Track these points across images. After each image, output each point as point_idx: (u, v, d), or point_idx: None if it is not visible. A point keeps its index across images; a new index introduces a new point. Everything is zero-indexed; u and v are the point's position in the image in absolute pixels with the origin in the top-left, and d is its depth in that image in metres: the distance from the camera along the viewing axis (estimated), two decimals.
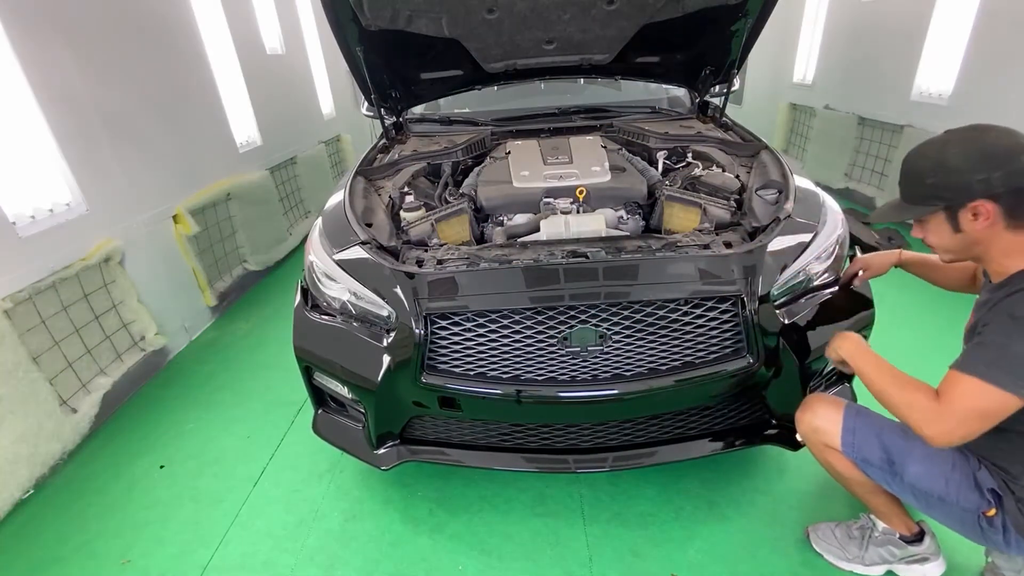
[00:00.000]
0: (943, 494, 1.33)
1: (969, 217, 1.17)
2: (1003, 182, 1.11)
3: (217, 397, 2.71)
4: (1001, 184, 1.11)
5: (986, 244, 1.20)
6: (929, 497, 1.36)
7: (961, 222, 1.19)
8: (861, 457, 1.42)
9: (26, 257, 2.22)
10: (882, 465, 1.40)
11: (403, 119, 3.00)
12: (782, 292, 1.61)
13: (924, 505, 1.39)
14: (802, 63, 6.11)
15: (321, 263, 1.79)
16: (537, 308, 1.55)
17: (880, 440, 1.40)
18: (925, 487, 1.35)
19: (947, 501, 1.33)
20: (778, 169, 2.04)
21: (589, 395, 1.55)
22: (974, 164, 1.13)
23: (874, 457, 1.40)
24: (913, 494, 1.39)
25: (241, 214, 3.76)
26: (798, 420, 1.54)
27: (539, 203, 2.08)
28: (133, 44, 2.97)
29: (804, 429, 1.52)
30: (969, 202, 1.15)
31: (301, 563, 1.79)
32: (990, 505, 1.28)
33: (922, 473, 1.34)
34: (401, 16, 2.20)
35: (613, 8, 2.25)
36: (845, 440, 1.43)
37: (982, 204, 1.14)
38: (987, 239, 1.18)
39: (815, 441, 1.51)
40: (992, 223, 1.16)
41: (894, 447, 1.38)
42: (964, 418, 1.14)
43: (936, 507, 1.37)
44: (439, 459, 1.81)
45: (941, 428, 1.16)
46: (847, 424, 1.44)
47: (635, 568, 1.70)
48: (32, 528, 2.00)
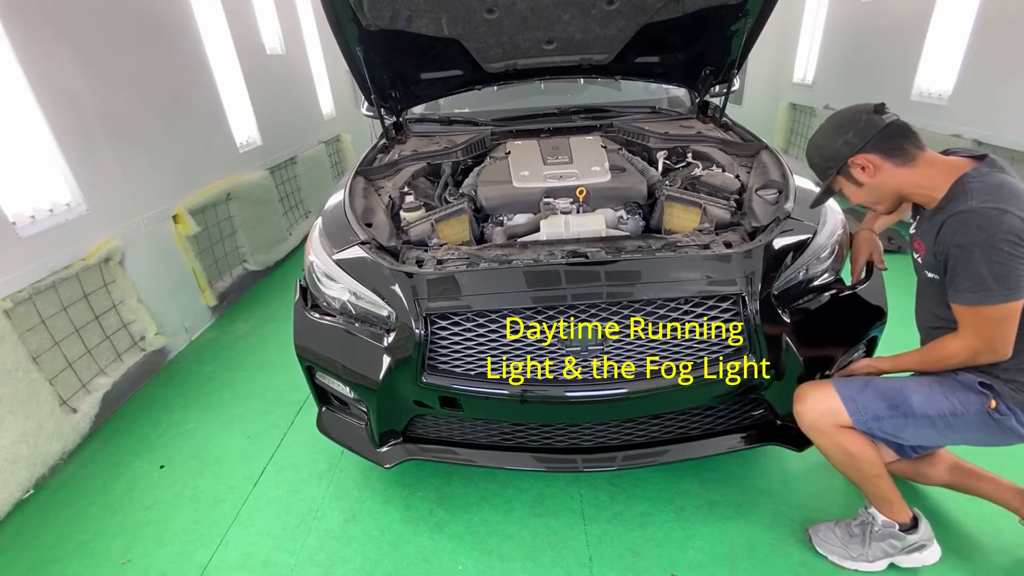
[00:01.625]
0: (952, 408, 1.40)
1: (858, 171, 1.40)
2: (859, 137, 1.37)
3: (217, 397, 2.71)
4: (858, 139, 1.37)
5: (893, 184, 1.39)
6: (944, 417, 1.41)
7: (856, 177, 1.42)
8: (871, 416, 1.45)
9: (26, 257, 2.22)
10: (890, 413, 1.44)
11: (403, 119, 3.00)
12: (782, 292, 1.61)
13: (945, 428, 1.43)
14: (802, 63, 6.12)
15: (321, 263, 1.79)
16: (537, 308, 1.56)
17: (875, 391, 1.47)
18: (935, 410, 1.41)
19: (957, 413, 1.40)
20: (778, 169, 2.04)
21: (589, 395, 1.55)
22: (832, 137, 1.42)
23: (880, 409, 1.45)
24: (930, 424, 1.43)
25: (241, 214, 3.77)
26: (798, 414, 1.54)
27: (539, 203, 2.08)
28: (133, 44, 2.98)
29: (810, 418, 1.52)
30: (846, 161, 1.39)
31: (301, 563, 1.79)
32: (988, 397, 1.38)
33: (923, 400, 1.43)
34: (401, 16, 2.20)
35: (613, 8, 2.25)
36: (850, 408, 1.46)
37: (858, 158, 1.38)
38: (889, 181, 1.39)
39: (824, 426, 1.50)
40: (879, 167, 1.38)
41: (889, 391, 1.46)
42: (993, 331, 1.31)
43: (954, 426, 1.42)
44: (448, 458, 1.80)
45: (988, 347, 1.33)
46: (843, 394, 1.48)
47: (635, 568, 1.70)
48: (32, 528, 2.00)
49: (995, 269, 1.24)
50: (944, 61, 4.02)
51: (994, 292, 1.26)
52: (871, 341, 1.77)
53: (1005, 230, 1.22)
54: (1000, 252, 1.23)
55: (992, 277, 1.25)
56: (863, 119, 1.37)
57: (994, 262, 1.24)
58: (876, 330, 1.74)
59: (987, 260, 1.25)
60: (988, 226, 1.24)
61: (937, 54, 4.11)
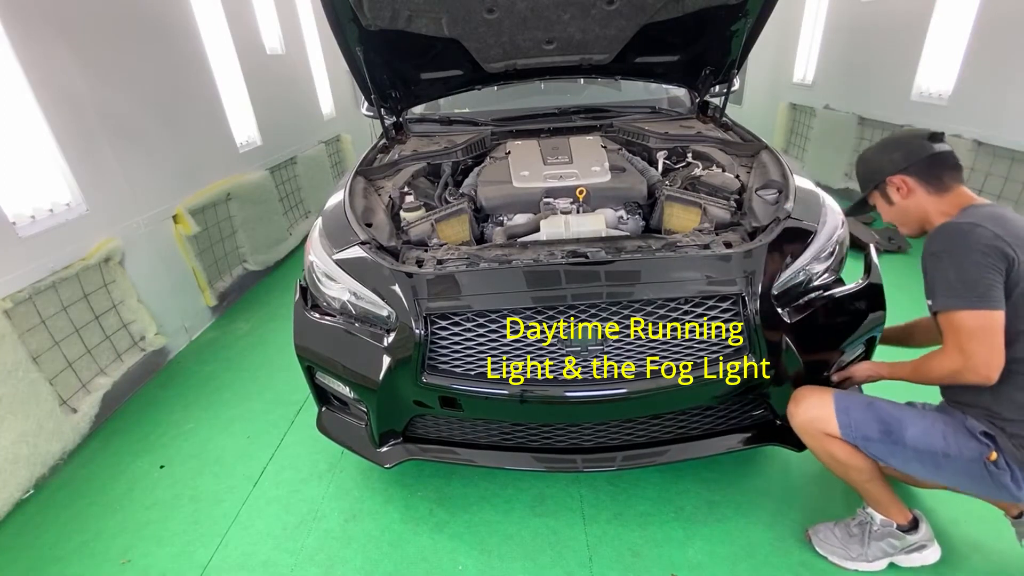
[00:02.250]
0: (945, 449, 1.38)
1: (893, 190, 1.46)
2: (904, 159, 1.42)
3: (217, 397, 2.71)
4: (903, 160, 1.42)
5: (920, 210, 1.44)
6: (934, 456, 1.39)
7: (890, 196, 1.47)
8: (861, 435, 1.45)
9: (26, 257, 2.22)
10: (881, 438, 1.43)
11: (403, 119, 3.00)
12: (782, 292, 1.61)
13: (932, 467, 1.41)
14: (802, 63, 6.11)
15: (321, 263, 1.79)
16: (537, 308, 1.56)
17: (873, 412, 1.46)
18: (926, 446, 1.39)
19: (951, 456, 1.37)
20: (778, 169, 2.04)
21: (589, 395, 1.55)
22: (881, 152, 1.48)
23: (872, 431, 1.44)
24: (918, 459, 1.41)
25: (241, 214, 3.76)
26: (791, 414, 1.56)
27: (539, 203, 2.08)
28: (133, 44, 2.97)
29: (800, 421, 1.54)
30: (886, 179, 1.45)
31: (301, 563, 1.79)
32: (989, 448, 1.34)
33: (919, 434, 1.40)
34: (401, 16, 2.20)
35: (613, 8, 2.25)
36: (842, 422, 1.47)
37: (896, 178, 1.43)
38: (918, 205, 1.44)
39: (813, 431, 1.52)
40: (913, 191, 1.43)
41: (887, 416, 1.45)
42: (971, 345, 1.28)
43: (944, 467, 1.39)
44: (448, 459, 1.80)
45: (968, 363, 1.29)
46: (839, 406, 1.48)
47: (635, 568, 1.70)
48: (32, 528, 2.00)
49: (963, 275, 1.28)
50: (944, 61, 4.02)
51: (964, 297, 1.27)
52: (870, 341, 1.77)
53: (974, 240, 1.28)
54: (968, 259, 1.28)
55: (960, 282, 1.28)
56: (915, 142, 1.43)
57: (962, 268, 1.28)
58: (875, 330, 1.74)
59: (955, 266, 1.29)
60: (958, 236, 1.31)
61: (937, 54, 4.11)
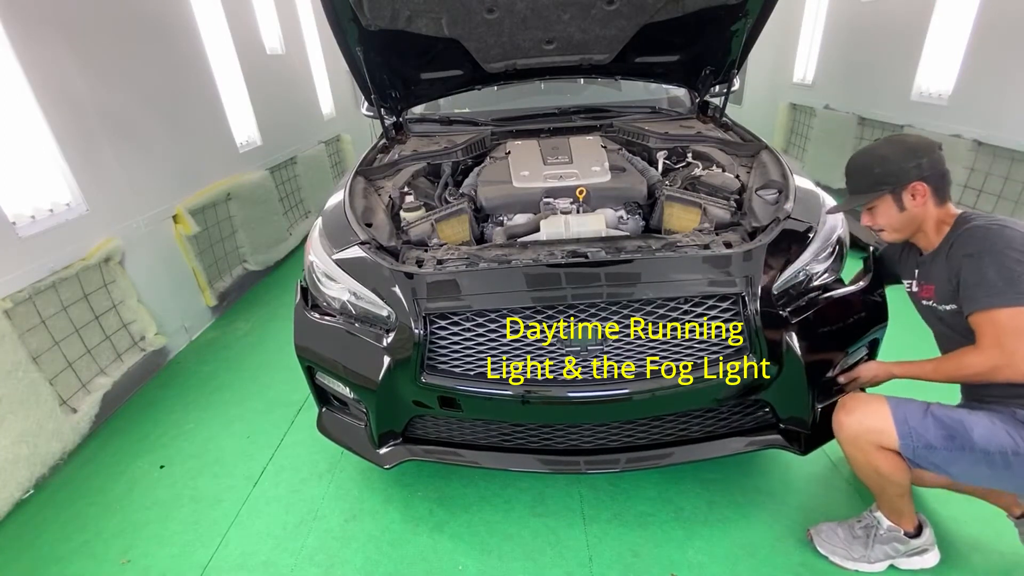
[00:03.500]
0: (1015, 447, 1.32)
1: (909, 197, 1.44)
2: (929, 167, 1.41)
3: (217, 397, 2.71)
4: (928, 168, 1.41)
5: (922, 219, 1.46)
6: (1004, 456, 1.32)
7: (904, 202, 1.45)
8: (923, 444, 1.37)
9: (26, 257, 2.22)
10: (945, 444, 1.36)
11: (403, 119, 3.00)
12: (782, 292, 1.61)
13: (1002, 468, 1.34)
14: (802, 63, 6.12)
15: (321, 263, 1.79)
16: (536, 308, 1.55)
17: (933, 419, 1.39)
18: (997, 446, 1.33)
19: (1021, 452, 1.31)
20: (778, 169, 2.04)
21: (588, 396, 1.55)
22: (906, 156, 1.43)
23: (936, 438, 1.37)
24: (987, 461, 1.34)
25: (241, 214, 3.76)
26: (839, 424, 1.48)
27: (539, 203, 2.08)
28: (133, 44, 2.98)
29: (851, 432, 1.46)
30: (908, 184, 1.42)
31: (301, 563, 1.79)
32: None
33: (986, 434, 1.34)
34: (401, 16, 2.20)
35: (613, 8, 2.25)
36: (902, 432, 1.39)
37: (918, 185, 1.42)
38: (923, 215, 1.46)
39: (865, 443, 1.44)
40: (926, 201, 1.44)
41: (949, 421, 1.38)
42: (1013, 343, 1.29)
43: (1015, 466, 1.32)
44: (451, 460, 1.79)
45: (1008, 360, 1.30)
46: (897, 416, 1.41)
47: (635, 568, 1.70)
48: (32, 528, 2.00)
49: (1004, 273, 1.30)
50: (944, 61, 4.02)
51: (1005, 294, 1.29)
52: (873, 343, 1.76)
53: (1008, 238, 1.32)
54: (1007, 257, 1.30)
55: (1002, 280, 1.30)
56: (935, 153, 1.43)
57: (1003, 266, 1.30)
58: (878, 331, 1.73)
59: (995, 264, 1.31)
60: (992, 236, 1.34)
61: (937, 54, 4.11)
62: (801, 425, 1.68)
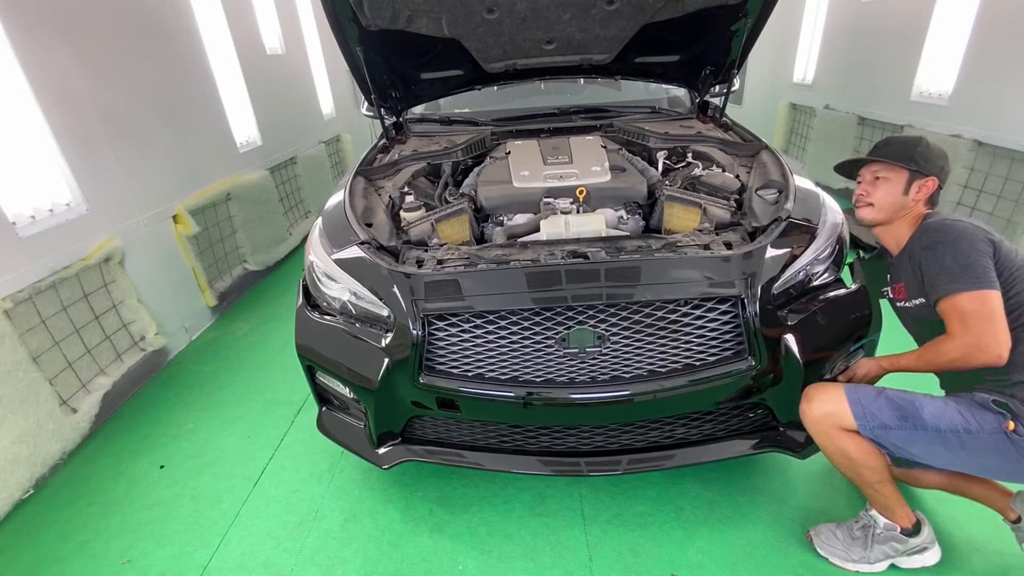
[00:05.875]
0: (965, 425, 1.39)
1: (918, 187, 1.54)
2: (945, 175, 1.56)
3: (217, 397, 2.71)
4: (944, 176, 1.56)
5: (907, 212, 1.57)
6: (957, 434, 1.40)
7: (912, 188, 1.55)
8: (878, 424, 1.45)
9: (26, 257, 2.22)
10: (899, 423, 1.44)
11: (403, 119, 3.00)
12: (782, 292, 1.60)
13: (957, 447, 1.41)
14: (802, 63, 6.12)
15: (321, 263, 1.79)
16: (536, 309, 1.55)
17: (885, 399, 1.47)
18: (947, 424, 1.40)
19: (972, 431, 1.39)
20: (778, 169, 2.04)
21: (587, 397, 1.55)
22: (941, 155, 1.57)
23: (889, 418, 1.45)
24: (941, 440, 1.41)
25: (241, 214, 3.76)
26: (803, 412, 1.55)
27: (539, 203, 2.07)
28: (133, 44, 2.97)
29: (813, 417, 1.53)
30: (927, 175, 1.53)
31: (301, 563, 1.79)
32: (1005, 417, 1.37)
33: (936, 412, 1.42)
34: (401, 16, 2.20)
35: (613, 8, 2.25)
36: (856, 412, 1.46)
37: (931, 181, 1.53)
38: (910, 209, 1.56)
39: (827, 427, 1.51)
40: (923, 198, 1.55)
41: (900, 400, 1.46)
42: (977, 325, 1.36)
43: (969, 445, 1.39)
44: (452, 461, 1.79)
45: (977, 342, 1.36)
46: (851, 397, 1.49)
47: (635, 568, 1.70)
48: (32, 528, 2.00)
49: (960, 259, 1.40)
50: (944, 61, 4.02)
51: (962, 279, 1.38)
52: (870, 343, 1.77)
53: (960, 230, 1.44)
54: (960, 246, 1.42)
55: (958, 267, 1.39)
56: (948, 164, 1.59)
57: (958, 253, 1.41)
58: (875, 332, 1.74)
59: (951, 252, 1.42)
60: (947, 228, 1.46)
61: (937, 54, 4.11)
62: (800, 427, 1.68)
